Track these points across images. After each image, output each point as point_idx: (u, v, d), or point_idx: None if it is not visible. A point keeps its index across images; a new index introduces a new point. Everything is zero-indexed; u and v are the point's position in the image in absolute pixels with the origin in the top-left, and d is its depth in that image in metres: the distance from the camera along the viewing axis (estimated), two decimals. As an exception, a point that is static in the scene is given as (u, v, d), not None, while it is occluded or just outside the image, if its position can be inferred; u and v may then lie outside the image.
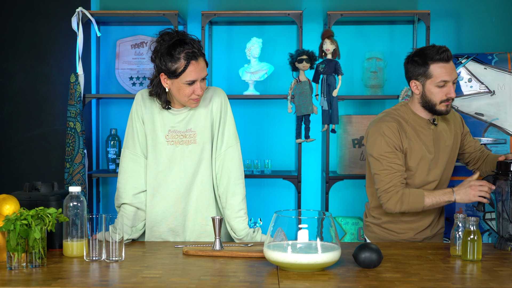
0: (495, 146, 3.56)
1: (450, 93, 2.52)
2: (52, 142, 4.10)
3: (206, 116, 2.49)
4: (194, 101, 2.41)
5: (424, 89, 2.55)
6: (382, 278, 1.90)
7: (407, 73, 2.62)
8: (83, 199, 2.19)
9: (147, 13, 3.86)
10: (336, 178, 3.82)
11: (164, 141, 2.47)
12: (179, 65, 2.33)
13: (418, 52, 2.56)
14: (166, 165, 2.47)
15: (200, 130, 2.48)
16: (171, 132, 2.47)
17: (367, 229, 2.76)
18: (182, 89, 2.37)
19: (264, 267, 2.04)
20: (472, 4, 4.11)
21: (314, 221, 2.04)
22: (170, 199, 2.48)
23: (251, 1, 4.12)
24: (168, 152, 2.47)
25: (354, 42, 4.12)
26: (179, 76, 2.35)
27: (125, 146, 2.51)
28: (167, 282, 1.86)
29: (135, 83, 4.08)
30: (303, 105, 3.65)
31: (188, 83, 2.36)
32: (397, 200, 2.49)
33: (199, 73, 2.37)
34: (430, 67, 2.52)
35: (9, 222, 2.00)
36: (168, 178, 2.48)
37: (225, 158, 2.49)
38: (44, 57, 4.10)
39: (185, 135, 2.47)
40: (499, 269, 2.04)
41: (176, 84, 2.38)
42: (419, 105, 2.60)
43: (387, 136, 2.54)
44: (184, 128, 2.47)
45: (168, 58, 2.33)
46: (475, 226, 2.14)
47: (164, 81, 2.40)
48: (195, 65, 2.35)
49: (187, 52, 2.33)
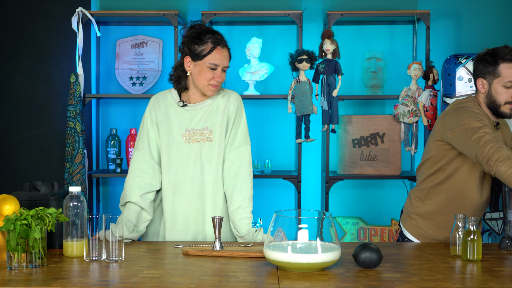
0: (495, 146, 3.56)
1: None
2: (52, 142, 4.10)
3: (222, 116, 2.55)
4: (212, 87, 2.49)
5: (490, 88, 2.51)
6: (382, 278, 1.90)
7: (475, 72, 2.57)
8: (83, 199, 2.19)
9: (147, 13, 3.87)
10: (336, 178, 3.82)
11: (181, 140, 2.52)
12: (205, 47, 2.46)
13: (490, 51, 2.52)
14: (184, 163, 2.52)
15: (216, 129, 2.53)
16: (188, 130, 2.53)
17: (412, 223, 2.65)
18: (203, 72, 2.47)
19: (264, 267, 2.04)
20: (472, 4, 4.11)
21: (314, 221, 2.04)
22: (191, 197, 2.52)
23: (251, 1, 4.12)
24: (186, 150, 2.52)
25: (354, 42, 4.12)
26: (204, 58, 2.46)
27: (136, 148, 2.57)
28: (167, 282, 1.86)
29: (135, 83, 4.08)
30: (303, 105, 3.65)
31: (211, 67, 2.46)
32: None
33: (223, 60, 2.48)
34: (500, 66, 2.48)
35: (9, 222, 2.00)
36: (187, 176, 2.51)
37: (235, 157, 2.54)
38: (44, 57, 4.10)
39: (202, 133, 2.53)
40: (499, 269, 2.04)
41: (198, 66, 2.47)
42: (484, 105, 2.55)
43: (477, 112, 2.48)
44: (201, 126, 2.53)
45: (196, 41, 2.46)
46: (475, 226, 2.14)
47: (187, 64, 2.50)
48: (220, 50, 2.47)
49: (216, 38, 2.47)
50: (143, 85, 4.07)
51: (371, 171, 3.83)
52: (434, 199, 2.60)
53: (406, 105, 3.70)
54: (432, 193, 2.61)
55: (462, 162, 2.53)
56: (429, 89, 3.69)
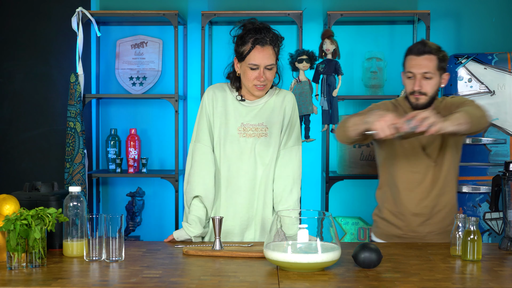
0: (495, 146, 3.56)
1: (415, 86, 2.54)
2: (52, 142, 4.10)
3: (279, 113, 2.56)
4: (257, 88, 2.49)
5: (402, 79, 2.63)
6: (382, 278, 1.90)
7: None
8: (83, 199, 2.19)
9: (147, 13, 3.86)
10: (336, 178, 3.82)
11: (236, 133, 2.53)
12: (245, 48, 2.46)
13: None
14: (238, 157, 2.52)
15: (272, 125, 2.54)
16: (244, 125, 2.54)
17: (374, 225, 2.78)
18: (246, 72, 2.47)
19: (264, 267, 2.04)
20: (472, 4, 4.11)
21: (314, 221, 2.04)
22: (243, 191, 2.53)
23: (251, 1, 4.12)
24: (241, 144, 2.52)
25: (354, 42, 4.12)
26: (245, 58, 2.46)
27: (196, 140, 2.56)
28: (167, 282, 1.86)
29: (135, 83, 4.08)
30: (303, 105, 3.65)
31: (251, 67, 2.45)
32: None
33: (263, 59, 2.45)
34: (405, 59, 2.60)
35: (9, 222, 2.00)
36: (240, 170, 2.52)
37: (288, 157, 2.56)
38: (44, 57, 4.10)
39: (257, 128, 2.54)
40: (499, 269, 2.04)
41: (243, 67, 2.49)
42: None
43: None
44: (256, 122, 2.54)
45: (240, 42, 2.48)
46: (475, 226, 2.14)
47: (236, 65, 2.53)
48: (259, 49, 2.45)
49: (256, 37, 2.45)
50: (143, 85, 4.07)
51: (371, 171, 3.83)
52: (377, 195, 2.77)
53: (406, 105, 3.71)
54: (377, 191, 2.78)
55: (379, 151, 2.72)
56: (429, 89, 3.69)
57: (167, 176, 3.87)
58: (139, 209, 3.99)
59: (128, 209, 3.98)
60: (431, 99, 2.56)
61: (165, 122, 4.19)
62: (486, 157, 3.58)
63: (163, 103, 4.16)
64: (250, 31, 2.47)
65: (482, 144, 3.56)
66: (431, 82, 2.53)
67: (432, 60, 2.52)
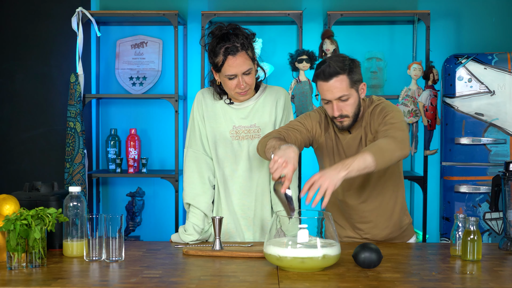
0: (495, 146, 3.56)
1: (334, 112, 2.34)
2: (52, 142, 4.10)
3: (271, 112, 2.53)
4: (240, 94, 2.46)
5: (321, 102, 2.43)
6: (382, 278, 1.90)
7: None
8: (83, 199, 2.19)
9: (147, 13, 3.87)
10: (336, 178, 3.81)
11: (229, 136, 2.51)
12: (218, 59, 2.41)
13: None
14: (232, 160, 2.51)
15: (264, 126, 2.51)
16: (236, 127, 2.51)
17: None
18: (225, 82, 2.44)
19: (264, 267, 2.04)
20: (472, 4, 4.11)
21: (314, 221, 2.04)
22: (239, 194, 2.52)
23: (251, 1, 4.12)
24: (234, 147, 2.51)
25: (354, 42, 4.12)
26: (220, 70, 2.42)
27: (189, 145, 2.55)
28: (167, 282, 1.86)
29: (135, 83, 4.08)
30: (303, 105, 3.65)
31: (229, 77, 2.41)
32: None
33: (238, 67, 2.39)
34: (316, 84, 2.37)
35: (9, 222, 2.00)
36: (235, 173, 2.51)
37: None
38: (44, 57, 4.10)
39: (250, 130, 2.52)
40: (499, 269, 2.04)
41: (221, 77, 2.45)
42: None
43: None
44: (248, 123, 2.52)
45: (212, 53, 2.43)
46: (475, 226, 2.14)
47: (215, 75, 2.48)
48: (232, 60, 2.39)
49: (227, 47, 2.39)
50: (143, 85, 4.07)
51: (371, 171, 3.82)
52: None
53: (406, 105, 3.71)
54: None
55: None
56: (429, 89, 3.69)
57: (167, 176, 3.87)
58: (139, 209, 3.99)
59: (128, 209, 3.98)
60: (355, 116, 2.36)
61: (165, 122, 4.19)
62: (486, 157, 3.58)
63: (163, 103, 4.16)
64: (219, 40, 2.40)
65: (482, 144, 3.56)
66: (349, 102, 2.33)
67: (343, 81, 2.29)
